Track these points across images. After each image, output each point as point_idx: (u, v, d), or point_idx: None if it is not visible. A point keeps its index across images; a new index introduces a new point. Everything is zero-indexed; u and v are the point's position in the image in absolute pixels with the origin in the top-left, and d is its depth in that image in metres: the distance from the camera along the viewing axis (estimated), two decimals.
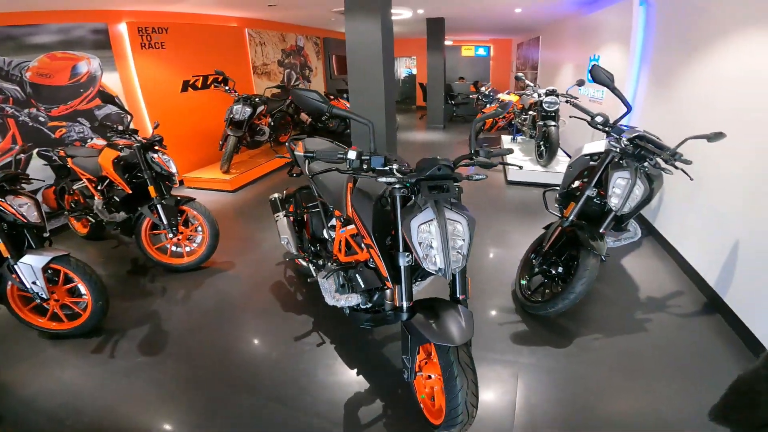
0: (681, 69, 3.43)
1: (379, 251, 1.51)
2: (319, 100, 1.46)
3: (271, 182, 5.09)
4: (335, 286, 1.81)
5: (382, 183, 1.60)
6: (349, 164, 1.53)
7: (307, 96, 1.46)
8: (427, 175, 1.41)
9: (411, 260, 1.49)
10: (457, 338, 1.33)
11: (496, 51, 11.72)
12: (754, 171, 2.40)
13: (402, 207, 1.48)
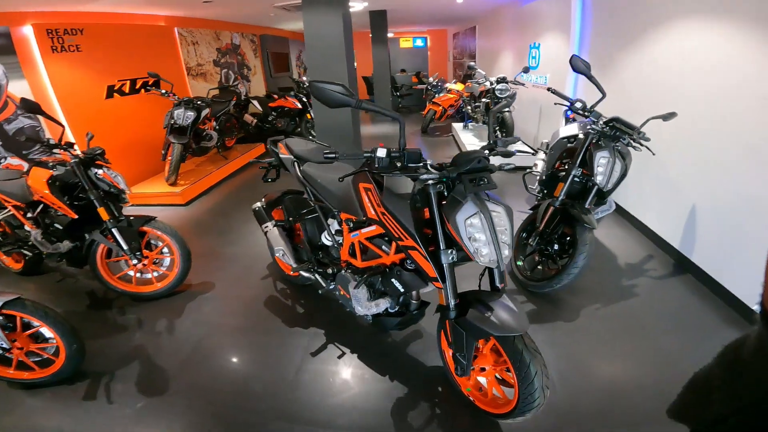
0: (620, 55, 3.73)
1: (431, 250, 1.42)
2: (345, 93, 1.32)
3: (226, 190, 4.67)
4: (368, 293, 1.69)
5: (404, 181, 1.52)
6: (378, 163, 1.41)
7: (331, 90, 1.30)
8: (467, 168, 1.36)
9: (454, 257, 1.43)
10: (518, 326, 1.31)
11: (432, 42, 11.96)
12: (702, 142, 2.70)
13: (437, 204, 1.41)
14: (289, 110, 6.72)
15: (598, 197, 2.62)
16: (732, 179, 2.52)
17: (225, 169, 5.12)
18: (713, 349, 1.46)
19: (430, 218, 1.45)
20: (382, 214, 1.52)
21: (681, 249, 2.96)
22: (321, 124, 4.01)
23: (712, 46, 2.64)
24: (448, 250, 1.41)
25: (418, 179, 1.46)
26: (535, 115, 5.56)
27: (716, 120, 2.62)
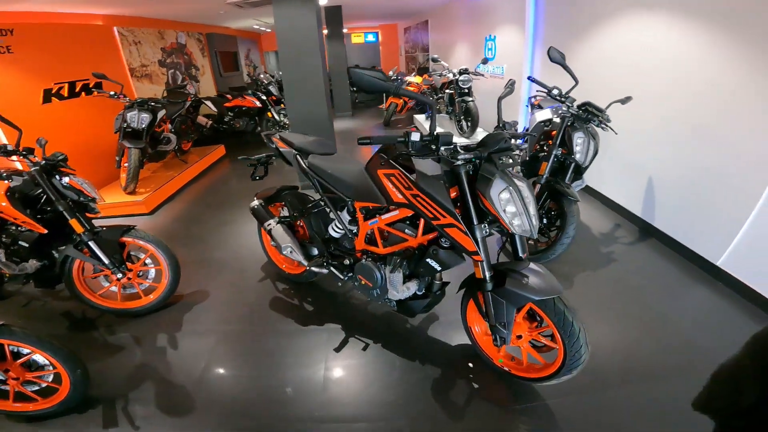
0: (572, 44, 4.03)
1: (465, 226, 1.46)
2: (384, 80, 1.35)
3: (192, 195, 4.39)
4: (402, 277, 1.70)
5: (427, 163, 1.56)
6: (411, 146, 1.46)
7: (372, 76, 1.34)
8: (497, 148, 1.44)
9: (486, 230, 1.49)
10: (556, 288, 1.40)
11: (384, 36, 12.03)
12: (655, 122, 3.02)
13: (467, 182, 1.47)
14: (247, 109, 6.44)
15: (575, 173, 2.83)
16: (683, 154, 2.86)
17: (187, 174, 4.81)
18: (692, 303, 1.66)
19: (457, 197, 1.50)
20: (414, 196, 1.54)
21: (644, 217, 3.29)
22: (296, 119, 3.90)
23: (660, 36, 2.95)
24: (481, 224, 1.47)
25: (443, 160, 1.52)
26: (494, 104, 5.82)
27: (666, 102, 2.94)
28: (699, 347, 1.95)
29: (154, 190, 4.08)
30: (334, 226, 2.15)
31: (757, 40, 2.25)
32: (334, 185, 1.96)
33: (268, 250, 2.66)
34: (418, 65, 9.85)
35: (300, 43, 3.56)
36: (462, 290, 1.79)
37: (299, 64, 3.66)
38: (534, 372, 1.64)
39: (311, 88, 3.80)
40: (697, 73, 2.68)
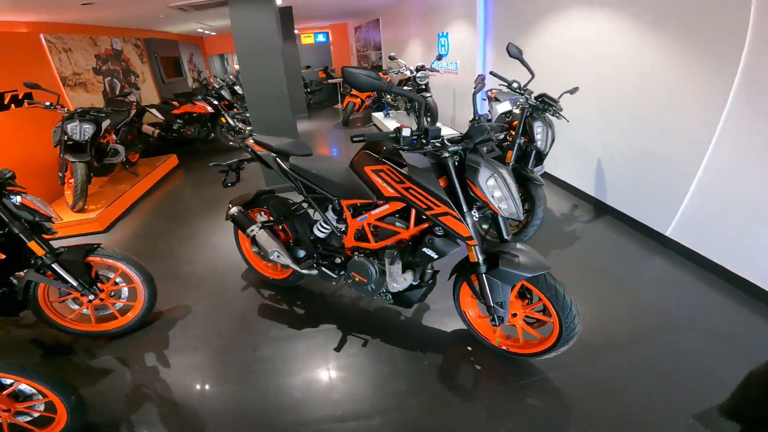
0: (521, 39, 4.28)
1: (459, 213, 1.53)
2: (376, 78, 1.40)
3: (149, 209, 4.10)
4: (401, 268, 1.73)
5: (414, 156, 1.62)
6: (402, 141, 1.51)
7: (365, 75, 1.38)
8: (481, 139, 1.53)
9: (476, 216, 1.57)
10: (545, 264, 1.51)
11: (334, 36, 11.93)
12: (599, 110, 3.31)
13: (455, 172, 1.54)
14: (198, 116, 6.14)
15: (537, 160, 3.03)
16: (625, 137, 3.17)
17: (139, 187, 4.50)
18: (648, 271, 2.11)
19: (446, 187, 1.57)
20: (406, 189, 1.58)
21: (597, 196, 3.59)
22: (259, 122, 3.79)
23: (600, 30, 3.23)
24: (471, 211, 1.55)
25: (429, 153, 1.58)
26: (450, 99, 6.03)
27: (608, 91, 3.24)
28: (661, 310, 2.18)
29: (106, 206, 3.78)
30: (319, 227, 2.14)
31: (683, 35, 2.54)
32: (320, 185, 1.95)
33: (247, 257, 2.58)
34: (371, 63, 9.91)
35: (259, 45, 3.47)
36: (452, 277, 1.87)
37: (259, 66, 3.56)
38: (531, 347, 1.75)
39: (273, 89, 3.71)
40: (632, 65, 2.98)
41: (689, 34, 2.51)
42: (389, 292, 1.92)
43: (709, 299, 2.29)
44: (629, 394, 1.66)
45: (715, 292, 2.34)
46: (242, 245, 2.57)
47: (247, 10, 3.33)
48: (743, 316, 2.11)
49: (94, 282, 2.04)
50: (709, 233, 2.58)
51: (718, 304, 2.23)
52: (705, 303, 2.26)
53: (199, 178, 5.00)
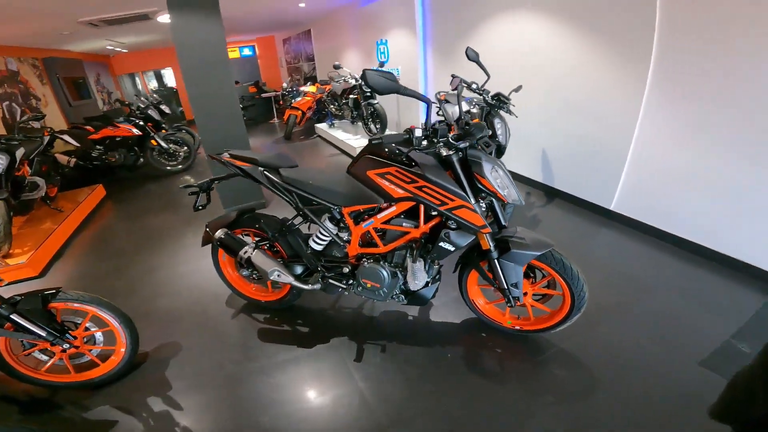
0: (459, 42, 4.60)
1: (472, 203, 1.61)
2: (393, 80, 1.45)
3: (85, 246, 3.58)
4: (423, 265, 1.76)
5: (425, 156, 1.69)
6: (416, 142, 1.58)
7: (385, 77, 1.43)
8: (480, 136, 1.65)
9: (483, 206, 1.68)
10: (549, 242, 1.67)
11: (261, 49, 11.50)
12: (540, 104, 3.68)
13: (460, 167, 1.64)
14: (123, 140, 5.54)
15: (498, 154, 3.27)
16: (562, 125, 3.57)
17: (68, 224, 3.93)
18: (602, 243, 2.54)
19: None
20: (418, 188, 1.63)
21: (546, 182, 3.96)
22: (210, 139, 3.55)
23: (532, 32, 3.61)
24: (477, 202, 1.65)
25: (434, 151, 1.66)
26: (394, 105, 6.20)
27: (544, 85, 3.63)
28: (628, 275, 2.51)
29: (35, 249, 3.25)
30: (315, 239, 2.08)
31: (603, 32, 2.97)
32: (319, 195, 1.90)
33: (231, 282, 2.41)
34: (304, 75, 9.79)
35: (205, 57, 3.25)
36: (458, 269, 1.95)
37: (206, 80, 3.34)
38: (544, 322, 1.88)
39: (223, 104, 3.51)
40: (563, 61, 3.38)
41: (608, 30, 2.95)
42: (403, 293, 1.93)
43: (659, 260, 2.66)
44: (631, 350, 1.89)
45: (662, 253, 2.74)
46: (224, 270, 2.39)
47: (190, 20, 3.11)
48: (691, 270, 2.51)
49: (64, 329, 1.77)
50: (645, 203, 3.01)
51: (668, 263, 2.61)
52: (657, 263, 2.63)
53: (134, 209, 4.51)
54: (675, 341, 1.93)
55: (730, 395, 0.91)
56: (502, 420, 1.59)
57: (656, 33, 2.61)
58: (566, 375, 1.78)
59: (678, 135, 2.67)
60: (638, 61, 2.76)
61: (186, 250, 3.30)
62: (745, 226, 2.45)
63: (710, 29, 2.33)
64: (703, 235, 2.68)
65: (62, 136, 5.22)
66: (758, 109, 2.21)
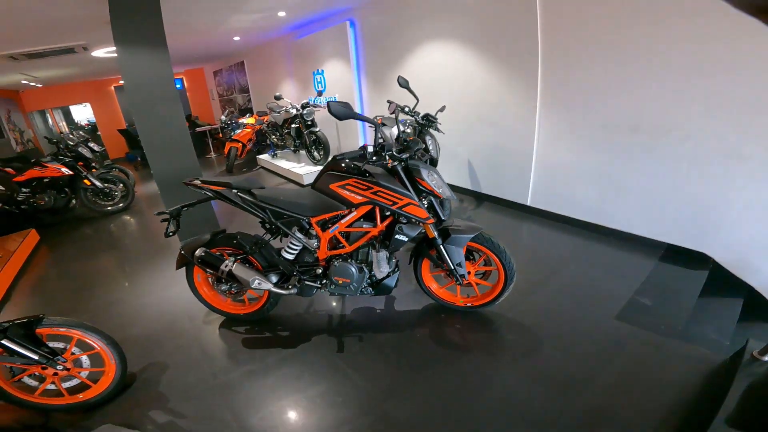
0: (389, 71, 5.20)
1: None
2: (350, 107, 1.84)
3: (35, 288, 3.36)
4: (386, 255, 2.13)
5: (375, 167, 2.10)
6: (368, 157, 2.03)
7: (343, 106, 1.82)
8: (416, 149, 2.13)
9: (424, 203, 2.12)
10: (478, 227, 2.16)
11: (189, 82, 11.29)
12: (460, 119, 4.35)
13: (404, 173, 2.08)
14: (51, 181, 5.24)
15: (432, 165, 3.82)
16: (479, 137, 4.26)
17: (8, 270, 3.67)
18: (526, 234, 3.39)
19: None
20: (375, 193, 2.02)
21: (474, 188, 4.61)
22: (162, 172, 3.63)
23: (449, 58, 4.30)
24: (421, 199, 2.09)
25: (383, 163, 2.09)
26: (333, 130, 6.62)
27: (461, 103, 4.31)
28: (549, 254, 3.15)
29: None
30: (287, 249, 2.36)
31: (503, 58, 3.71)
32: (290, 209, 2.20)
33: (208, 300, 2.56)
34: (238, 107, 9.85)
35: (154, 91, 3.38)
36: (412, 261, 2.37)
37: (157, 114, 3.46)
38: (489, 296, 2.34)
39: (174, 138, 3.63)
40: (473, 81, 4.08)
41: (505, 56, 3.70)
42: (370, 285, 2.28)
43: (568, 240, 3.33)
44: (560, 312, 2.42)
45: (570, 234, 3.42)
46: (200, 290, 2.54)
47: (136, 54, 3.23)
48: (594, 245, 3.20)
49: (54, 353, 1.84)
50: (552, 195, 3.73)
51: (575, 242, 3.29)
52: (567, 243, 3.29)
53: (73, 251, 4.32)
54: (591, 302, 2.48)
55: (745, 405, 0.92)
56: (474, 379, 1.96)
57: (540, 57, 3.37)
58: (516, 338, 2.23)
59: (563, 137, 3.44)
60: (529, 79, 3.51)
61: (144, 283, 3.33)
62: (620, 204, 3.20)
63: (575, 55, 3.13)
64: (595, 215, 3.42)
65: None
66: (610, 113, 2.99)
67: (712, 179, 2.65)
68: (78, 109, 11.81)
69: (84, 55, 5.78)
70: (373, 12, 5.13)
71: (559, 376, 1.92)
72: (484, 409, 1.77)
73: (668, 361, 1.97)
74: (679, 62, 2.59)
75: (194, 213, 2.55)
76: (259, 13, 4.98)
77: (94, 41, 4.98)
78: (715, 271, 2.75)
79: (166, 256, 3.81)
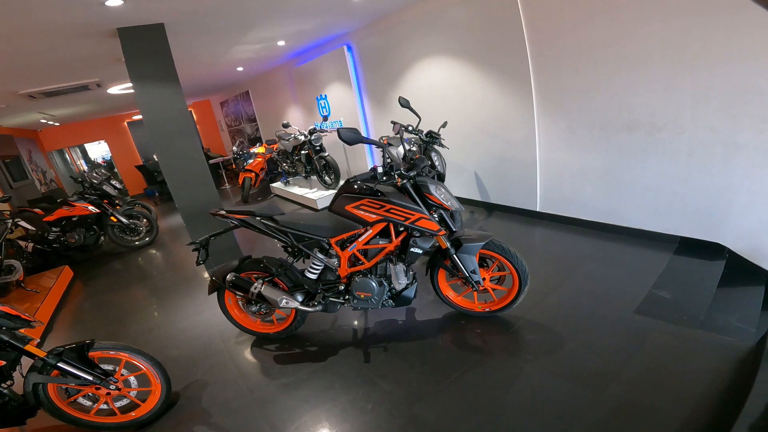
0: (390, 90, 5.41)
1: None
2: (357, 132, 2.02)
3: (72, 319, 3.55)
4: (403, 267, 2.27)
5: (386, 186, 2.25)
6: (379, 177, 2.21)
7: (352, 132, 2.01)
8: (423, 165, 2.29)
9: (436, 217, 2.26)
10: (488, 234, 2.29)
11: (198, 114, 11.74)
12: (463, 134, 4.50)
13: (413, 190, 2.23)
14: (80, 219, 5.53)
15: (439, 180, 3.97)
16: (485, 149, 4.41)
17: (48, 302, 3.88)
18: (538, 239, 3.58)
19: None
20: (387, 210, 2.18)
21: (483, 199, 4.73)
22: (186, 206, 3.83)
23: (445, 75, 4.49)
24: (431, 213, 2.23)
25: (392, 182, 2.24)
26: (342, 154, 6.83)
27: (462, 117, 4.47)
28: (562, 257, 3.24)
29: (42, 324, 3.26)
30: (309, 269, 2.51)
31: (496, 70, 3.88)
32: (311, 232, 2.36)
33: (239, 321, 2.71)
34: (248, 137, 10.21)
35: (172, 125, 3.59)
36: (428, 272, 2.50)
37: (175, 148, 3.65)
38: (505, 300, 2.44)
39: (194, 172, 3.83)
40: (473, 96, 4.25)
41: (498, 68, 3.86)
42: (390, 298, 2.41)
43: (580, 241, 3.43)
44: (578, 309, 2.49)
45: (581, 235, 3.51)
46: (231, 312, 2.70)
47: (152, 91, 3.45)
48: (605, 244, 3.29)
49: (107, 374, 2.01)
50: (560, 199, 3.84)
51: (587, 242, 3.38)
52: (579, 243, 3.38)
53: (106, 284, 4.55)
54: (609, 298, 2.55)
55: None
56: (497, 378, 2.05)
57: (530, 65, 3.54)
58: (536, 337, 2.31)
59: (563, 140, 3.58)
60: (523, 87, 3.69)
61: (177, 309, 3.51)
62: (627, 202, 3.30)
63: (563, 59, 3.30)
64: (604, 215, 3.51)
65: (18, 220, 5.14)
66: (604, 113, 3.12)
67: (713, 169, 2.74)
68: (93, 146, 12.32)
69: (98, 92, 6.09)
70: (367, 35, 5.38)
71: (584, 371, 1.99)
72: (510, 406, 1.86)
73: (694, 351, 2.01)
74: (663, 58, 2.72)
75: (218, 242, 2.73)
76: (259, 43, 5.25)
77: (107, 78, 5.29)
78: (732, 260, 2.80)
79: (193, 285, 4.00)
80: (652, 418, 1.67)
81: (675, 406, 1.70)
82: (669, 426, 1.62)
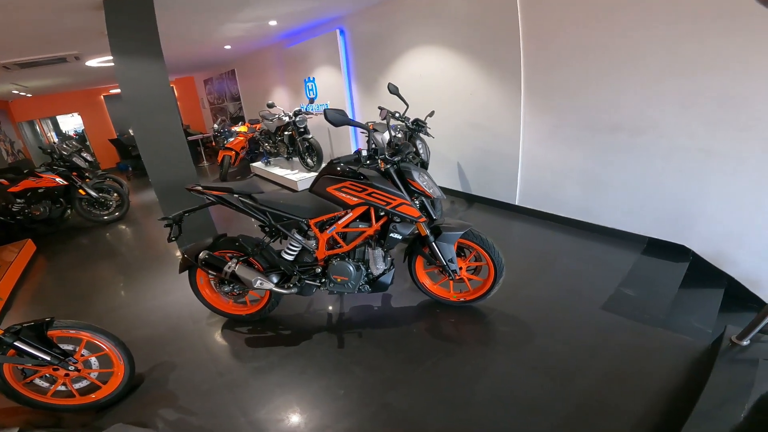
0: (379, 77, 5.34)
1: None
2: (344, 114, 1.97)
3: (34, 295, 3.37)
4: (382, 252, 2.24)
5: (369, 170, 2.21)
6: (363, 160, 2.13)
7: (339, 113, 1.95)
8: (407, 152, 2.24)
9: (417, 203, 2.24)
10: (467, 224, 2.29)
11: (180, 91, 11.32)
12: (449, 124, 4.49)
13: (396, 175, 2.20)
14: (46, 191, 5.26)
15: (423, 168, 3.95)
16: (470, 141, 4.41)
17: (8, 278, 3.68)
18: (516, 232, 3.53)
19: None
20: (369, 194, 2.14)
21: (464, 190, 4.75)
22: (161, 182, 3.69)
23: (435, 65, 4.45)
24: (413, 199, 2.21)
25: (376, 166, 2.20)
26: (326, 137, 6.73)
27: (450, 108, 4.45)
28: (538, 251, 3.29)
29: None
30: (286, 250, 2.46)
31: (487, 63, 3.86)
32: (290, 212, 2.30)
33: (211, 301, 2.64)
34: (230, 115, 9.92)
35: (152, 100, 3.44)
36: (406, 259, 2.48)
37: (154, 123, 3.53)
38: (480, 290, 2.46)
39: (172, 149, 3.70)
40: (463, 88, 4.23)
41: (489, 61, 3.85)
42: (367, 283, 2.39)
43: (556, 236, 3.48)
44: (550, 303, 2.55)
45: (557, 231, 3.57)
46: (203, 292, 2.62)
47: (133, 65, 3.29)
48: (580, 241, 3.35)
49: (66, 354, 1.91)
50: (538, 195, 3.88)
51: (562, 238, 3.44)
52: (555, 239, 3.44)
53: (71, 260, 4.34)
54: (579, 293, 2.62)
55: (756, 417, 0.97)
56: (470, 369, 2.06)
57: (522, 62, 3.54)
58: (509, 329, 2.35)
59: (547, 138, 3.61)
60: (513, 83, 3.68)
61: (145, 288, 3.39)
62: (604, 201, 3.36)
63: (555, 59, 3.30)
64: (580, 212, 3.57)
65: None
66: (591, 114, 3.15)
67: (687, 175, 2.82)
68: (65, 119, 11.76)
69: (76, 65, 5.82)
70: (362, 20, 5.28)
71: (551, 364, 2.04)
72: (480, 396, 1.88)
73: (654, 348, 2.09)
74: (654, 63, 2.76)
75: (192, 220, 2.63)
76: (251, 22, 5.08)
77: (88, 51, 5.04)
78: (696, 263, 2.91)
79: (164, 263, 3.87)
80: (612, 413, 1.73)
81: (633, 403, 1.76)
82: (627, 422, 1.68)
